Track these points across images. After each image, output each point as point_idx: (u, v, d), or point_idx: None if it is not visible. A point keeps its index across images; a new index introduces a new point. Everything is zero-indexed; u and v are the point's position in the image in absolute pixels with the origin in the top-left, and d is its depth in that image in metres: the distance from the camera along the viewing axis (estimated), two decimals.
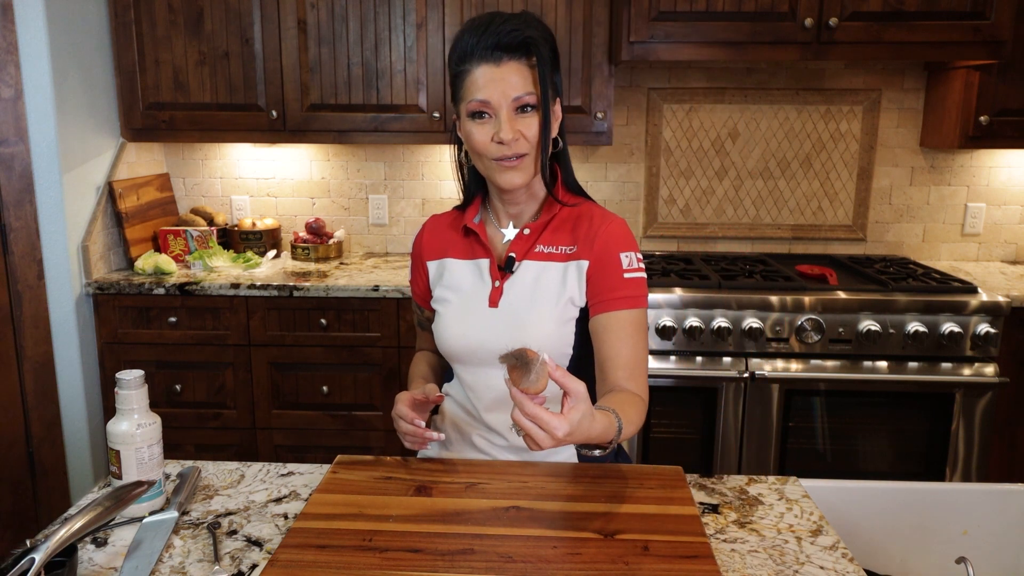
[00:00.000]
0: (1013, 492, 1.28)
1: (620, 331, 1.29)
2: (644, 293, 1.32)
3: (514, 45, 1.24)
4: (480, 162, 1.32)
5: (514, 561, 1.00)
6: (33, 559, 0.86)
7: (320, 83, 2.62)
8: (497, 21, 1.25)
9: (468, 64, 1.26)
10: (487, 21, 1.26)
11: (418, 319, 1.53)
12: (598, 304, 1.31)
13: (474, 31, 1.26)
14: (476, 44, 1.25)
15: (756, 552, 1.05)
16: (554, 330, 1.31)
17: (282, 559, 1.01)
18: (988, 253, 2.95)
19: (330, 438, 2.56)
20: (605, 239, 1.33)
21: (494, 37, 1.24)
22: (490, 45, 1.24)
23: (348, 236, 3.05)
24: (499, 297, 1.34)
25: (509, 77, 1.24)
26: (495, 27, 1.24)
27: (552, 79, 1.29)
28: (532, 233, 1.36)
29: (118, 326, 2.52)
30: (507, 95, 1.25)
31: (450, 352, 1.38)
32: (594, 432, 1.05)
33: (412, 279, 1.50)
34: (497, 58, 1.24)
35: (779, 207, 2.94)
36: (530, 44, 1.25)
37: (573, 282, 1.32)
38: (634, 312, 1.30)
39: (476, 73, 1.25)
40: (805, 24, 2.36)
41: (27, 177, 2.37)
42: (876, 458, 2.42)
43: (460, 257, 1.41)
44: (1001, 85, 2.50)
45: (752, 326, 2.31)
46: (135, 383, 1.12)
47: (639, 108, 2.90)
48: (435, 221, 1.48)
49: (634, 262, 1.32)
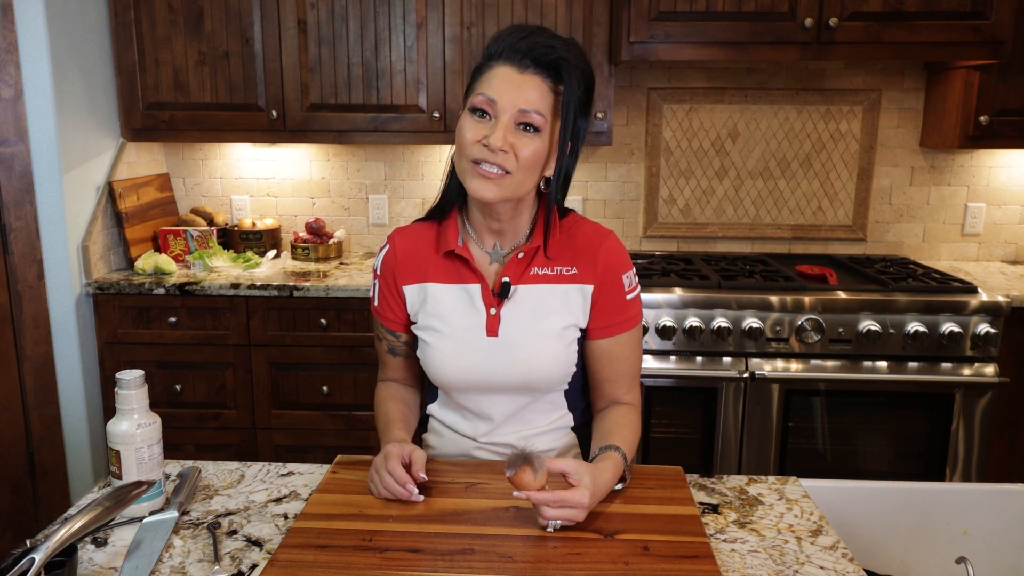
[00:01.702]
0: (1013, 492, 1.28)
1: (621, 352, 1.32)
2: (641, 308, 1.35)
3: (546, 61, 1.17)
4: (459, 160, 1.21)
5: (514, 561, 1.00)
6: (33, 559, 0.86)
7: (320, 83, 2.62)
8: (541, 33, 1.19)
9: (493, 61, 1.19)
10: (532, 29, 1.19)
11: (389, 346, 1.39)
12: (602, 329, 1.30)
13: (513, 31, 1.19)
14: (508, 45, 1.18)
15: (756, 552, 1.05)
16: (560, 353, 1.29)
17: (282, 559, 1.01)
18: (988, 253, 2.95)
19: (330, 438, 2.56)
20: (606, 261, 1.29)
21: (528, 43, 1.17)
22: (522, 50, 1.17)
23: (348, 236, 3.05)
24: (497, 325, 1.27)
25: (526, 87, 1.17)
26: (535, 37, 1.17)
27: (575, 118, 1.19)
28: (526, 256, 1.29)
29: (118, 326, 2.52)
30: (515, 103, 1.16)
31: (448, 384, 1.31)
32: (609, 479, 1.14)
33: (382, 303, 1.36)
34: (524, 65, 1.17)
35: (779, 207, 2.94)
36: (561, 66, 1.17)
37: (577, 306, 1.29)
38: (634, 330, 1.33)
39: (495, 71, 1.18)
40: (805, 24, 2.36)
41: (27, 177, 2.37)
42: (876, 458, 2.42)
43: (443, 281, 1.30)
44: (1001, 85, 2.50)
45: (752, 326, 2.31)
46: (135, 383, 1.12)
47: (639, 108, 2.90)
48: (404, 239, 1.34)
49: (633, 280, 1.32)
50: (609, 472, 1.14)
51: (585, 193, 2.98)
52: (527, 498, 1.05)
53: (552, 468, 1.07)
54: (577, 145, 1.24)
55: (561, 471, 1.08)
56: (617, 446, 1.20)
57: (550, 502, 1.05)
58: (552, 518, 1.06)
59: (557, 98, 1.19)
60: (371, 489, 1.18)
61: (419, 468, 1.17)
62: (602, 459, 1.17)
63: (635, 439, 1.28)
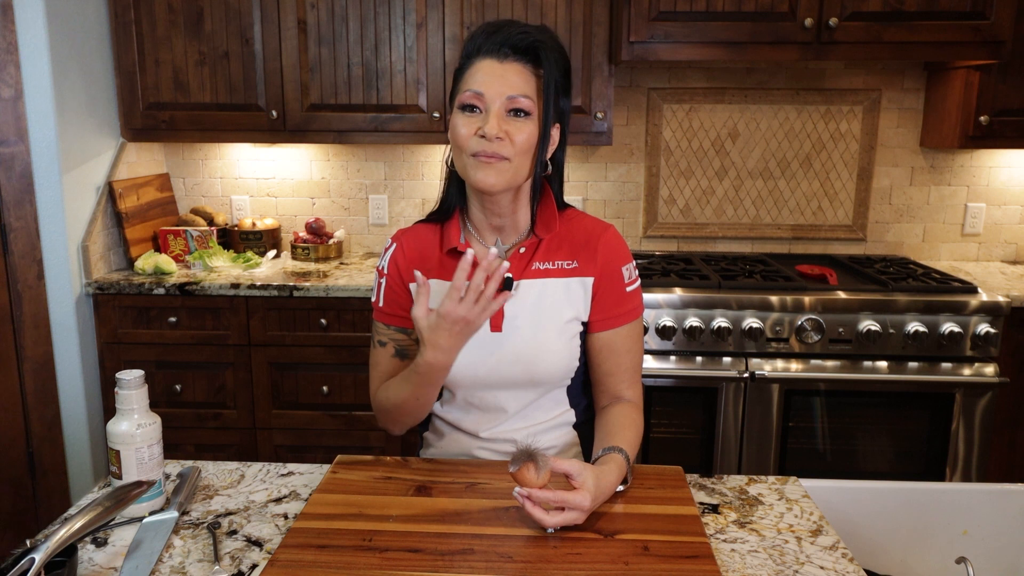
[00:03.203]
0: (1013, 492, 1.28)
1: (622, 345, 1.32)
2: (642, 300, 1.36)
3: (523, 47, 1.22)
4: (459, 158, 1.24)
5: (514, 561, 1.00)
6: (33, 559, 0.86)
7: (320, 83, 2.62)
8: (512, 24, 1.23)
9: (472, 58, 1.23)
10: (503, 23, 1.24)
11: (398, 348, 1.35)
12: (602, 321, 1.31)
13: (486, 28, 1.24)
14: (485, 40, 1.22)
15: (756, 552, 1.05)
16: (563, 347, 1.30)
17: (282, 559, 1.01)
18: (988, 253, 2.95)
19: (330, 438, 2.56)
20: (606, 253, 1.31)
21: (504, 35, 1.21)
22: (498, 42, 1.21)
23: (348, 236, 3.05)
24: (501, 320, 1.29)
25: (509, 75, 1.21)
26: (508, 28, 1.22)
27: (557, 98, 1.24)
28: (528, 251, 1.31)
29: (118, 326, 2.52)
30: (502, 92, 1.20)
31: (453, 379, 1.31)
32: (612, 481, 1.13)
33: (388, 302, 1.34)
34: (503, 55, 1.21)
35: (779, 207, 2.94)
36: (539, 49, 1.22)
37: (578, 299, 1.30)
38: (634, 323, 1.33)
39: (477, 66, 1.22)
40: (805, 24, 2.36)
41: (27, 177, 2.37)
42: (876, 458, 2.42)
43: (448, 278, 1.30)
44: (1001, 85, 2.50)
45: (752, 326, 2.31)
46: (135, 383, 1.12)
47: (639, 108, 2.90)
48: (408, 239, 1.36)
49: (633, 273, 1.33)
50: (612, 475, 1.14)
51: (585, 193, 2.98)
52: (528, 496, 1.04)
53: (556, 468, 1.07)
54: (564, 126, 1.29)
55: (565, 472, 1.08)
56: (620, 448, 1.20)
57: (550, 501, 1.05)
58: (551, 525, 1.05)
59: (539, 80, 1.23)
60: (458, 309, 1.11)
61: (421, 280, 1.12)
62: (605, 461, 1.17)
63: (637, 439, 1.28)
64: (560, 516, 1.05)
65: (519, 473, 1.05)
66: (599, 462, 1.17)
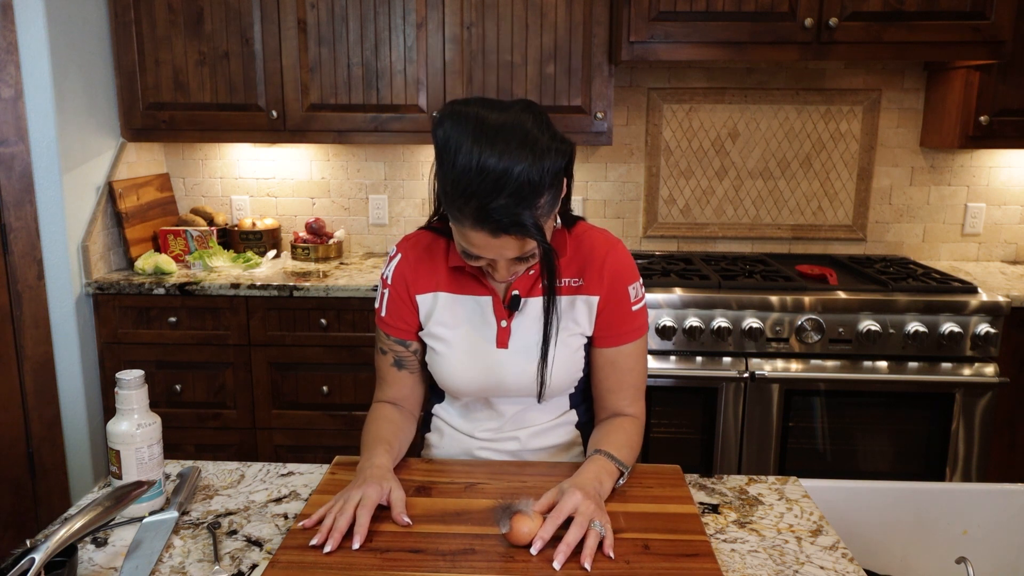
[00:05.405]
0: (1013, 492, 1.28)
1: (625, 363, 1.32)
2: (647, 318, 1.35)
3: (510, 225, 1.09)
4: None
5: (514, 561, 1.00)
6: (33, 559, 0.86)
7: (320, 83, 2.62)
8: (486, 192, 1.07)
9: (461, 223, 1.13)
10: (474, 188, 1.07)
11: (397, 359, 1.36)
12: (607, 339, 1.31)
13: (463, 191, 1.08)
14: (472, 215, 1.10)
15: (756, 552, 1.05)
16: (567, 359, 1.30)
17: (282, 559, 1.01)
18: (988, 253, 2.95)
19: (330, 438, 2.56)
20: (613, 272, 1.30)
21: (484, 213, 1.08)
22: (484, 219, 1.09)
23: (348, 236, 3.05)
24: (508, 338, 1.29)
25: (507, 246, 1.13)
26: (490, 207, 1.08)
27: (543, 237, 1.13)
28: (536, 270, 1.29)
29: (118, 326, 2.52)
30: (503, 255, 1.15)
31: (457, 391, 1.34)
32: (591, 476, 1.14)
33: (391, 313, 1.34)
34: (495, 231, 1.10)
35: (779, 207, 2.94)
36: (525, 230, 1.10)
37: (583, 316, 1.30)
38: (639, 341, 1.33)
39: (469, 233, 1.13)
40: (805, 24, 2.36)
41: (27, 177, 2.37)
42: (876, 458, 2.42)
43: (453, 291, 1.31)
44: (1001, 85, 2.50)
45: (752, 326, 2.31)
46: (135, 383, 1.12)
47: (639, 108, 2.90)
48: (415, 248, 1.35)
49: (639, 291, 1.33)
50: (589, 472, 1.15)
51: (585, 193, 2.98)
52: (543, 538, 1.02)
53: (538, 508, 1.07)
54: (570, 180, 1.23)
55: (548, 504, 1.08)
56: (601, 449, 1.21)
57: (556, 521, 1.03)
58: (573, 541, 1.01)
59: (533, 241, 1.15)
60: (321, 511, 1.09)
61: (399, 511, 1.09)
62: (584, 464, 1.19)
63: (628, 442, 1.26)
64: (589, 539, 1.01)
65: (515, 530, 1.02)
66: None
